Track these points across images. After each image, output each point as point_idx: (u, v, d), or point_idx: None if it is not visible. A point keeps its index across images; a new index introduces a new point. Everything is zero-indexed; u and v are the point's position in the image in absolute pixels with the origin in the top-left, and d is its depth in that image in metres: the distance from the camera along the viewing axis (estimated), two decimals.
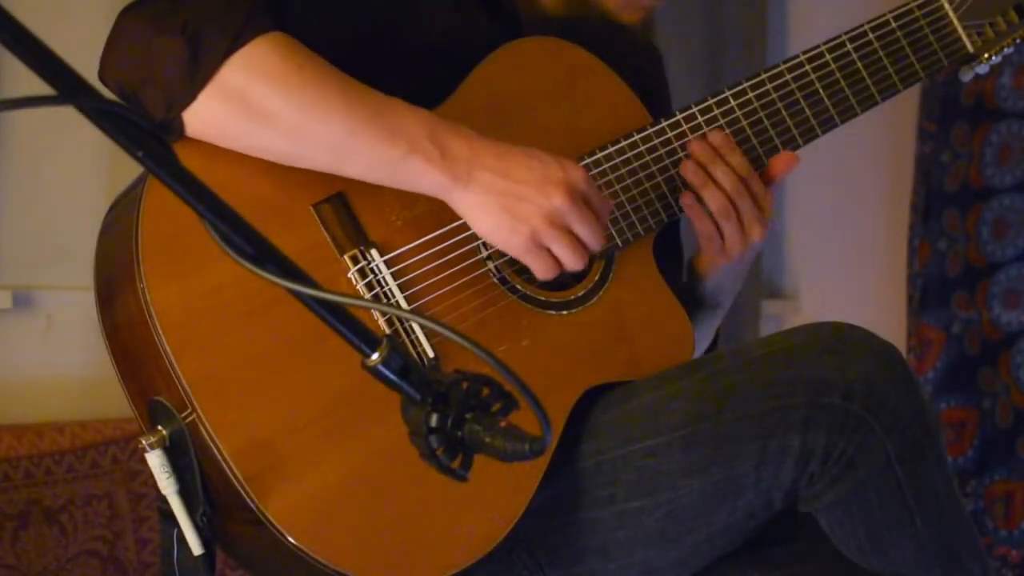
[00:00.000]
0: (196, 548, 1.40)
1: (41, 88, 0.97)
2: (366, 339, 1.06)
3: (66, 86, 0.97)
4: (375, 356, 1.05)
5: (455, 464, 1.06)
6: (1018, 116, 3.04)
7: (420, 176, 1.45)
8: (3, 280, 2.75)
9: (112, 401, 2.62)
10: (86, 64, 1.10)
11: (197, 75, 1.39)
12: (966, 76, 1.77)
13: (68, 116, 1.04)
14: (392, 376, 1.06)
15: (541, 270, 1.49)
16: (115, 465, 2.64)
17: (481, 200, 1.45)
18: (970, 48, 1.73)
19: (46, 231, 2.78)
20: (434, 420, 1.05)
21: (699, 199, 1.61)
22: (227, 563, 2.62)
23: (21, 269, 2.77)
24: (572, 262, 1.49)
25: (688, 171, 1.61)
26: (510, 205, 1.46)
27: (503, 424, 1.05)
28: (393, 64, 1.57)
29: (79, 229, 2.03)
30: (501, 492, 1.46)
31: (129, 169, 1.42)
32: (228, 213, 1.03)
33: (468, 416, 1.05)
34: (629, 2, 1.66)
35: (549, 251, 1.48)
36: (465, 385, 1.06)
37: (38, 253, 2.78)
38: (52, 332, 2.78)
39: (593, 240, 1.49)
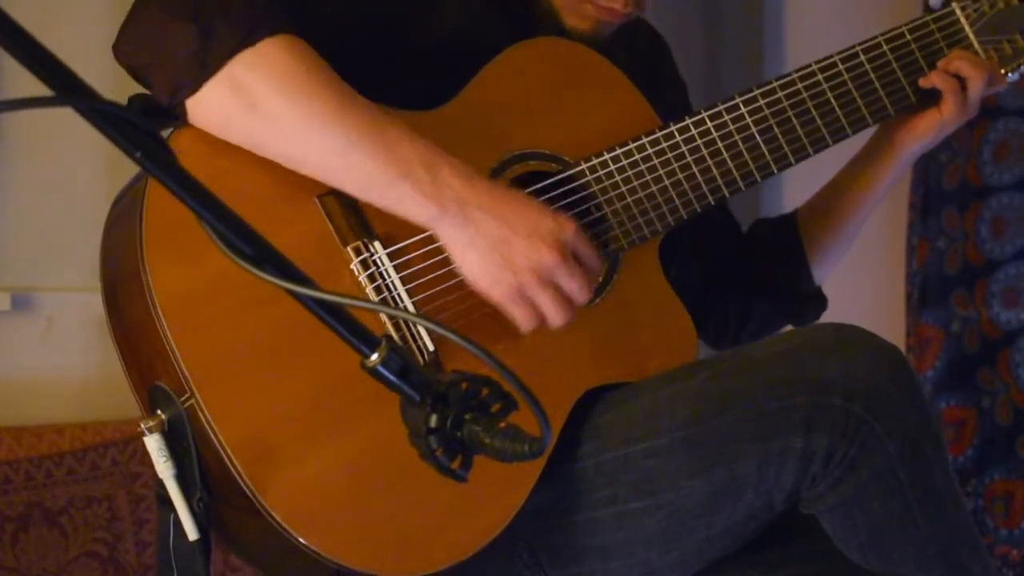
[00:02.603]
0: (192, 533, 1.40)
1: (40, 89, 0.97)
2: (365, 339, 1.06)
3: (64, 87, 0.97)
4: (374, 357, 1.05)
5: (454, 464, 1.06)
6: (1016, 114, 3.04)
7: (408, 202, 1.44)
8: (3, 282, 2.74)
9: (112, 403, 2.62)
10: (84, 65, 1.10)
11: (206, 64, 1.40)
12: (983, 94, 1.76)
13: (68, 117, 1.04)
14: (391, 377, 1.06)
15: (523, 322, 1.48)
16: (115, 467, 2.64)
17: (471, 239, 1.44)
18: None
19: (46, 232, 2.78)
20: (433, 421, 1.05)
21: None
22: (227, 563, 2.62)
23: (21, 270, 2.77)
24: (556, 318, 1.47)
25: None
26: (499, 251, 1.45)
27: (502, 425, 1.05)
28: (408, 58, 1.57)
29: (79, 230, 2.03)
30: (499, 487, 1.46)
31: (129, 170, 1.42)
32: (227, 214, 1.03)
33: (467, 417, 1.05)
34: (571, 7, 1.65)
35: (533, 303, 1.47)
36: (464, 385, 1.06)
37: (38, 254, 2.78)
38: (52, 334, 2.78)
39: (580, 296, 1.48)
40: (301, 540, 1.37)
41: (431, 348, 1.47)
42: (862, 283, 3.30)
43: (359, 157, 1.43)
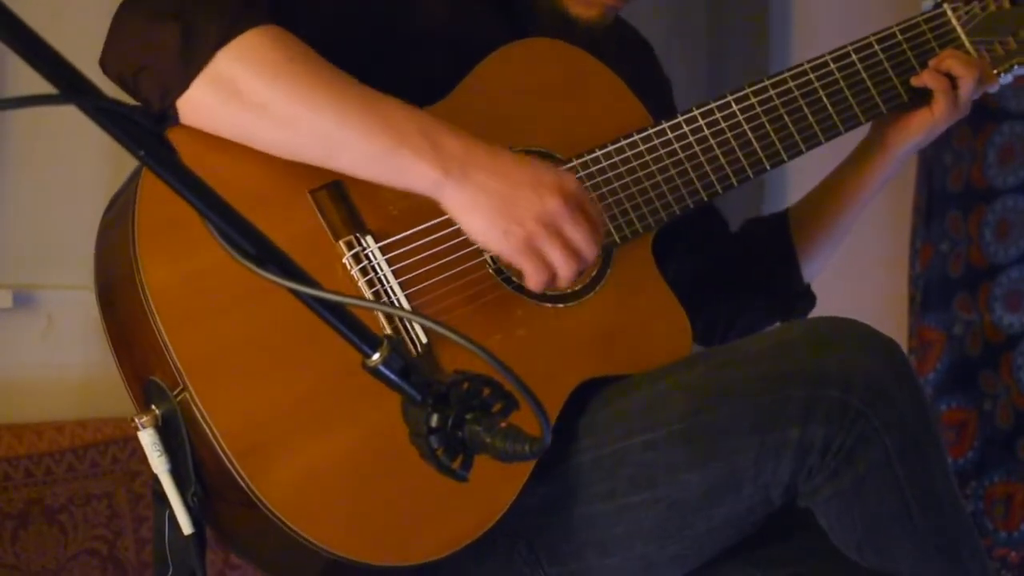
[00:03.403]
0: (186, 528, 1.40)
1: (42, 87, 0.97)
2: (366, 338, 1.06)
3: (67, 84, 0.97)
4: (376, 356, 1.05)
5: (455, 464, 1.06)
6: (1021, 117, 3.04)
7: (410, 170, 1.44)
8: (3, 280, 2.74)
9: (112, 400, 2.62)
10: (87, 62, 1.10)
11: (190, 64, 1.41)
12: (974, 94, 1.77)
13: (69, 115, 1.04)
14: (393, 376, 1.06)
15: (534, 274, 1.47)
16: (115, 465, 2.64)
17: (474, 198, 1.44)
18: None
19: (46, 231, 2.78)
20: (434, 420, 1.05)
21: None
22: (227, 563, 2.62)
23: (21, 269, 2.77)
24: (566, 267, 1.47)
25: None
26: (504, 206, 1.44)
27: (503, 424, 1.05)
28: (394, 52, 1.57)
29: (79, 229, 2.02)
30: (492, 479, 1.45)
31: (130, 168, 1.42)
32: (229, 212, 1.03)
33: (468, 416, 1.05)
34: None
35: (542, 255, 1.47)
36: (466, 385, 1.06)
37: (38, 253, 2.78)
38: (52, 332, 2.78)
39: (587, 246, 1.48)
40: (295, 530, 1.37)
41: (424, 340, 1.48)
42: (865, 285, 3.30)
43: (353, 133, 1.43)
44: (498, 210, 1.44)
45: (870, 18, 1.74)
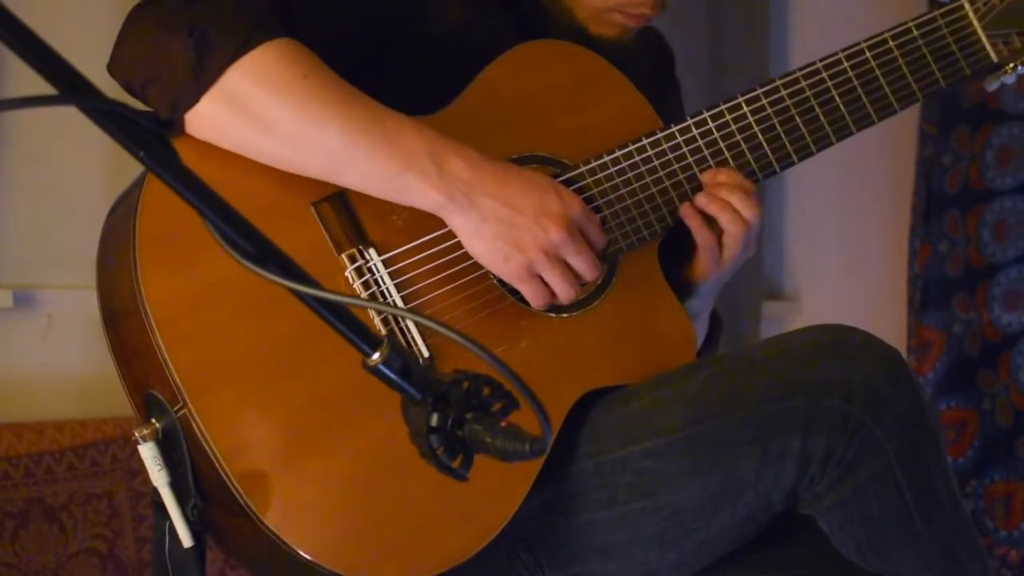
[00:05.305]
0: (186, 540, 1.40)
1: (43, 87, 0.97)
2: (366, 339, 1.06)
3: (68, 85, 0.97)
4: (376, 356, 1.05)
5: (455, 464, 1.06)
6: (1019, 118, 3.04)
7: (415, 193, 1.46)
8: (3, 279, 2.74)
9: (112, 400, 2.62)
10: (88, 63, 1.10)
11: (202, 78, 1.40)
12: (991, 86, 1.74)
13: (70, 115, 1.04)
14: (393, 376, 1.06)
15: (534, 298, 1.51)
16: (115, 464, 2.64)
17: (477, 224, 1.47)
18: (994, 58, 1.69)
19: (46, 231, 2.78)
20: (435, 420, 1.05)
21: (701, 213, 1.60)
22: (227, 563, 2.62)
23: (21, 268, 2.76)
24: (564, 292, 1.51)
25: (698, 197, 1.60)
26: (506, 233, 1.47)
27: (503, 424, 1.05)
28: (404, 51, 1.57)
29: (79, 229, 2.03)
30: (492, 492, 1.46)
31: (130, 169, 1.42)
32: (230, 213, 1.03)
33: (469, 416, 1.05)
34: (595, 17, 1.64)
35: (542, 280, 1.50)
36: (466, 385, 1.06)
37: (38, 253, 2.77)
38: (52, 331, 2.78)
39: (587, 272, 1.52)
40: (294, 548, 1.37)
41: (427, 354, 1.48)
42: (864, 285, 3.30)
43: (360, 153, 1.44)
44: (500, 237, 1.47)
45: (870, 17, 1.73)
